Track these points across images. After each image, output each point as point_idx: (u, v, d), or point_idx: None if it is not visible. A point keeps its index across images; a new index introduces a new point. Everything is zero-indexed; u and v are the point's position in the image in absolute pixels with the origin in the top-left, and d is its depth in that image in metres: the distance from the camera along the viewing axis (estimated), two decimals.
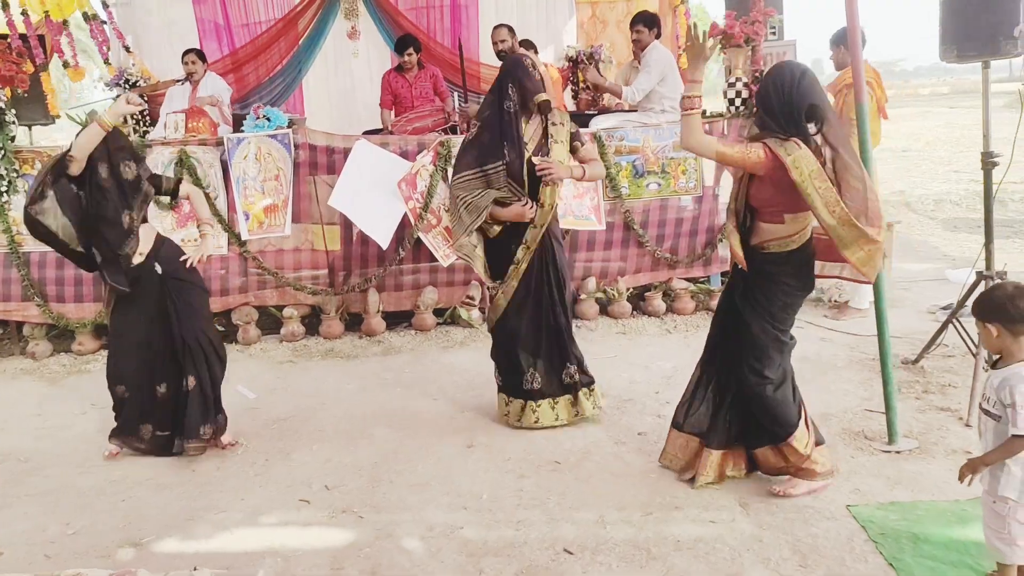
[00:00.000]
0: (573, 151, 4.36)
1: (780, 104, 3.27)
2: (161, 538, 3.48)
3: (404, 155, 6.02)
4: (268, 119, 6.12)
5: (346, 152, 5.98)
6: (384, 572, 3.15)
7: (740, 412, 3.63)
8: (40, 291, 6.13)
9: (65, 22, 6.82)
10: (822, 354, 5.43)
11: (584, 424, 4.46)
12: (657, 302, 6.28)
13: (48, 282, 6.17)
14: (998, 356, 2.67)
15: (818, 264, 3.52)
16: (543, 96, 4.15)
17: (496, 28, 6.70)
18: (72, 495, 3.92)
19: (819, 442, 3.63)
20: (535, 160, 4.14)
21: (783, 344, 3.54)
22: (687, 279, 6.31)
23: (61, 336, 6.25)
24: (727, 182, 6.39)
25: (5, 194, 5.95)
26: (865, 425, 4.25)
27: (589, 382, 4.47)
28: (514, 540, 3.33)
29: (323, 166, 6.06)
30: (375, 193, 5.88)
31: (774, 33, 8.22)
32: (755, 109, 3.53)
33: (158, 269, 4.18)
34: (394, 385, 5.31)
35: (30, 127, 7.16)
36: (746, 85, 6.08)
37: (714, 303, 6.22)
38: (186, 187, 4.39)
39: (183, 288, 4.24)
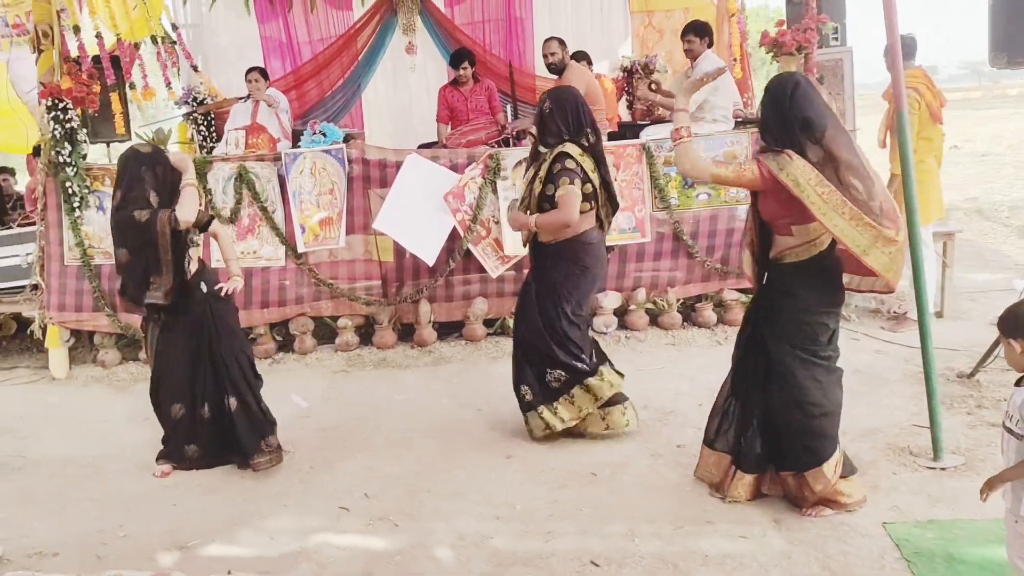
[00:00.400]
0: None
1: (774, 118, 3.28)
2: (205, 542, 3.62)
3: (454, 168, 6.11)
4: (324, 134, 6.29)
5: (398, 166, 6.10)
6: None
7: (768, 434, 3.56)
8: (110, 302, 6.40)
9: (136, 44, 7.13)
10: (875, 367, 5.31)
11: (622, 436, 4.46)
12: (708, 313, 6.22)
13: (117, 293, 6.43)
14: (1022, 374, 2.61)
15: (847, 277, 3.46)
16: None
17: (546, 41, 6.74)
18: (126, 499, 4.10)
19: (849, 473, 3.54)
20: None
21: (817, 367, 3.42)
22: (739, 290, 6.22)
23: (129, 345, 6.52)
24: None
25: (77, 209, 6.23)
26: (912, 440, 4.15)
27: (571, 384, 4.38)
28: (542, 551, 3.37)
29: (376, 180, 6.19)
30: (425, 207, 5.98)
31: (836, 39, 8.08)
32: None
33: (203, 288, 4.33)
34: (441, 395, 5.39)
35: (108, 144, 7.50)
36: None
37: None
38: (216, 226, 4.47)
39: (222, 309, 4.36)
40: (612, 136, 6.66)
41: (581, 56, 7.37)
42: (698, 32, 6.34)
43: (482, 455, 4.36)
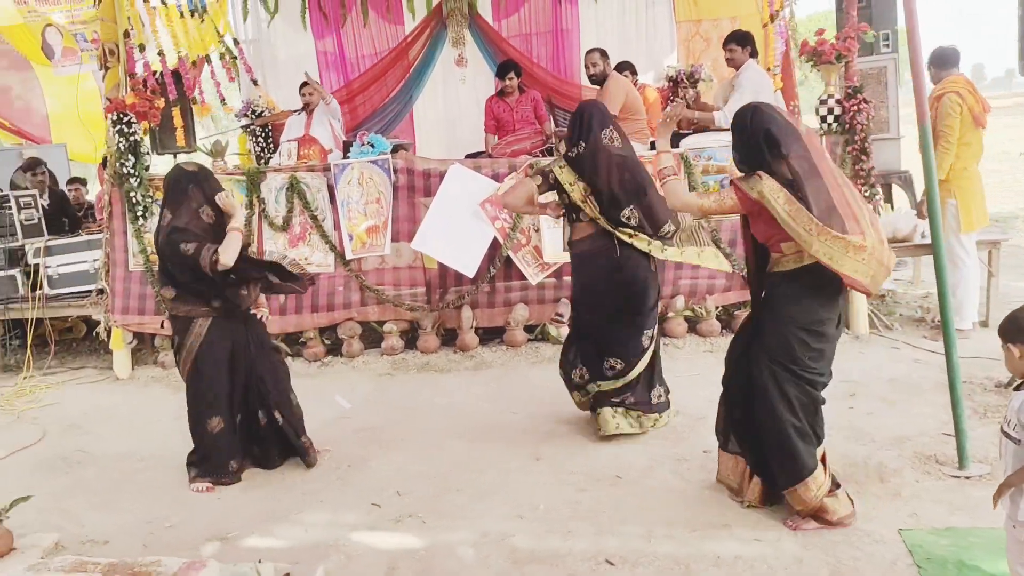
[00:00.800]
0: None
1: (742, 143, 3.44)
2: (244, 534, 3.83)
3: (496, 177, 6.26)
4: (372, 145, 6.51)
5: (441, 175, 6.28)
6: (433, 574, 3.37)
7: (756, 447, 3.63)
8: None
9: (194, 62, 7.47)
10: (912, 376, 5.28)
11: (651, 440, 4.55)
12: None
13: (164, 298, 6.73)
14: (1022, 379, 2.63)
15: None
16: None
17: (589, 52, 6.86)
18: (174, 492, 4.34)
19: (836, 487, 3.53)
20: None
21: (793, 386, 3.43)
22: None
23: None
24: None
25: (141, 218, 6.56)
26: (939, 449, 4.14)
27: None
28: (560, 550, 3.48)
29: (420, 189, 6.38)
30: (467, 217, 6.14)
31: (887, 45, 8.02)
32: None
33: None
34: (479, 399, 5.54)
35: (175, 155, 7.86)
36: (838, 102, 5.99)
37: None
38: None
39: (256, 323, 4.53)
40: (654, 145, 6.72)
41: (625, 66, 7.47)
42: (740, 41, 6.38)
43: (511, 456, 4.48)
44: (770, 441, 3.48)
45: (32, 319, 6.89)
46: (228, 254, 4.15)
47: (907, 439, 4.31)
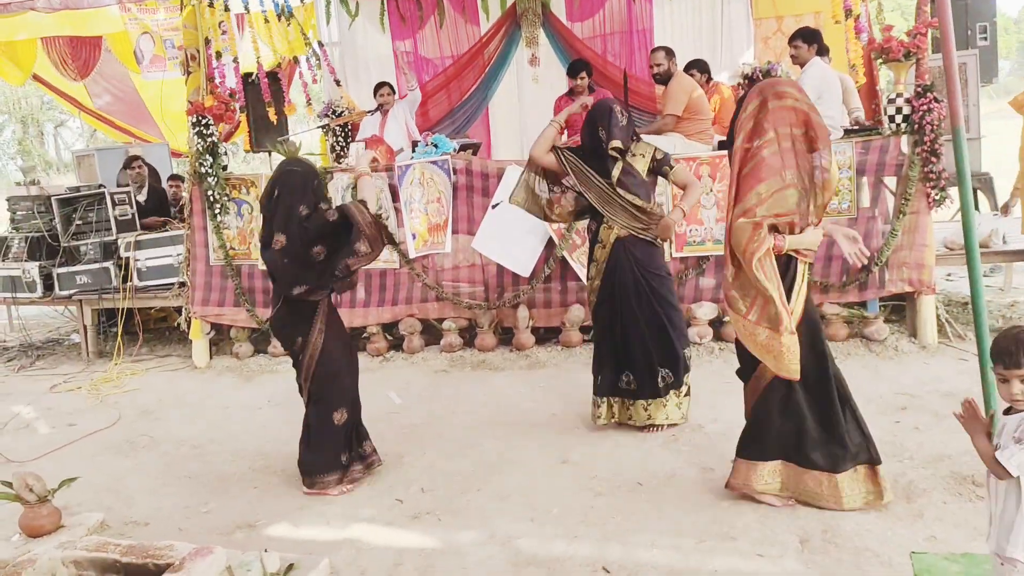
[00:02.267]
0: (664, 175, 4.51)
1: None
2: (271, 522, 4.01)
3: None
4: (436, 146, 6.66)
5: (499, 175, 6.36)
6: (434, 572, 3.46)
7: None
8: (250, 299, 7.06)
9: (278, 66, 7.80)
10: (972, 390, 4.94)
11: (682, 447, 4.51)
12: None
13: (256, 291, 7.08)
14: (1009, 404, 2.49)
15: None
16: (615, 143, 4.48)
17: (653, 51, 6.80)
18: (217, 479, 4.59)
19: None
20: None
21: None
22: (840, 304, 6.04)
23: (260, 339, 7.15)
24: (888, 202, 6.08)
25: (219, 215, 6.91)
26: (978, 470, 3.92)
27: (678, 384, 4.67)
28: (561, 555, 3.50)
29: (479, 189, 6.48)
30: (522, 217, 6.18)
31: (984, 38, 7.62)
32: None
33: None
34: (526, 398, 5.60)
35: (269, 153, 8.20)
36: (907, 101, 5.73)
37: (869, 329, 5.95)
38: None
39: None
40: (722, 144, 6.61)
41: (695, 65, 7.35)
42: (806, 38, 6.20)
43: (539, 458, 4.52)
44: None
45: (123, 309, 7.37)
46: (369, 195, 4.29)
47: (947, 457, 4.12)
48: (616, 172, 4.55)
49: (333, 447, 4.28)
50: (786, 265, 3.56)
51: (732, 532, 3.58)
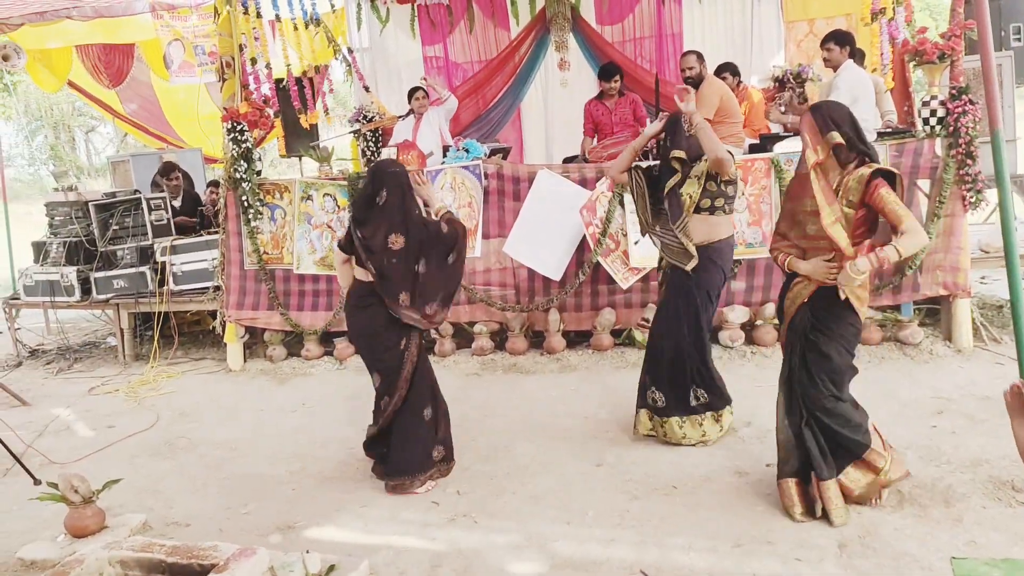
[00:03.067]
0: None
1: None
2: (309, 524, 4.07)
3: (583, 183, 6.31)
4: (467, 151, 6.70)
5: (530, 179, 6.39)
6: (472, 574, 3.49)
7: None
8: (284, 302, 7.14)
9: (317, 68, 7.90)
10: None
11: (716, 451, 4.52)
12: None
13: (291, 294, 7.16)
14: None
15: None
16: (678, 153, 4.43)
17: (684, 55, 6.80)
18: (256, 481, 4.65)
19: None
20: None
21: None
22: (874, 307, 6.00)
23: (293, 342, 7.23)
24: (921, 205, 6.04)
25: (252, 220, 6.99)
26: (1018, 474, 3.92)
27: (719, 405, 4.61)
28: (598, 557, 3.53)
29: (510, 194, 6.52)
30: (554, 221, 6.23)
31: (1018, 39, 7.57)
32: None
33: None
34: (557, 401, 5.62)
35: (300, 157, 8.30)
36: (942, 103, 5.70)
37: (904, 333, 5.92)
38: None
39: None
40: (753, 148, 6.61)
41: (726, 68, 7.35)
42: (838, 41, 6.16)
43: (574, 461, 4.55)
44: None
45: (159, 312, 7.48)
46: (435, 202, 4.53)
47: (985, 462, 4.10)
48: (672, 182, 4.47)
49: (424, 447, 4.37)
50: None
51: (769, 536, 3.58)
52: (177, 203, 8.61)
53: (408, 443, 4.34)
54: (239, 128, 6.76)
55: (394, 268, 4.17)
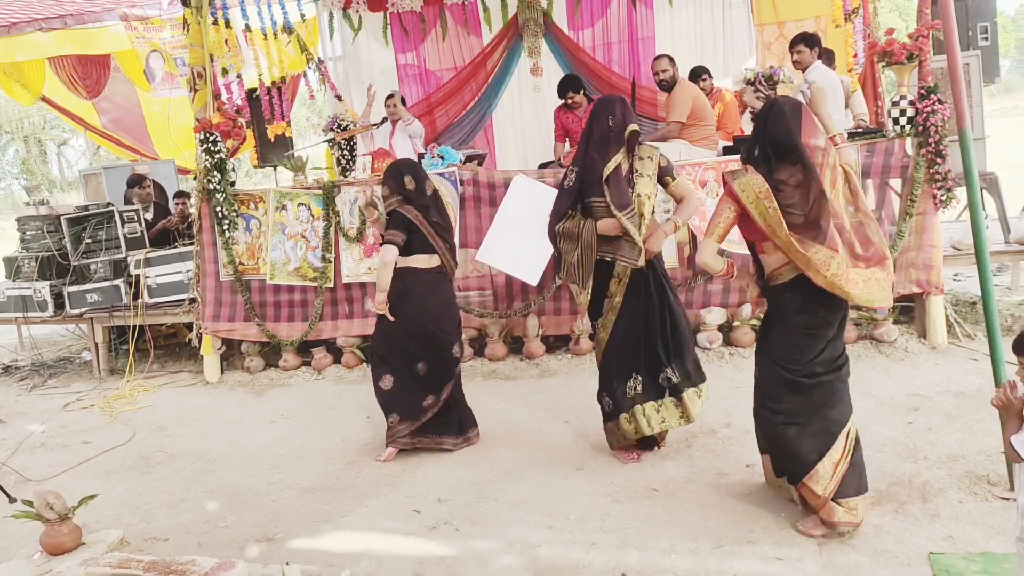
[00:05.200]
0: (664, 185, 4.40)
1: (752, 138, 3.56)
2: (290, 536, 4.03)
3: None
4: (442, 157, 6.70)
5: (506, 185, 6.39)
6: None
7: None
8: (260, 313, 7.09)
9: (273, 83, 7.86)
10: (983, 390, 5.01)
11: (696, 452, 4.53)
12: None
13: (267, 305, 7.11)
14: None
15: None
16: (633, 127, 4.23)
17: (656, 59, 6.84)
18: (234, 493, 4.60)
19: (855, 493, 3.49)
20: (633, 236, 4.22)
21: (795, 383, 3.50)
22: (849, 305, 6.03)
23: (270, 353, 7.18)
24: (893, 204, 6.11)
25: (227, 231, 6.95)
26: (993, 469, 3.96)
27: (692, 382, 4.41)
28: (580, 561, 3.52)
29: (486, 200, 6.51)
30: (531, 227, 6.21)
31: (986, 39, 7.66)
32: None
33: None
34: (537, 406, 5.62)
35: (275, 167, 8.26)
36: (911, 103, 5.76)
37: (879, 331, 5.97)
38: None
39: None
40: (727, 150, 6.65)
41: (700, 71, 7.39)
42: (808, 42, 6.25)
43: (554, 466, 4.54)
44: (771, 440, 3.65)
45: (134, 326, 7.40)
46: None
47: (961, 457, 4.14)
48: (612, 165, 4.22)
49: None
50: None
51: (750, 536, 3.60)
52: (148, 215, 8.54)
53: (463, 402, 5.03)
54: (212, 139, 6.72)
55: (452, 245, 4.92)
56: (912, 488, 3.86)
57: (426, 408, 4.80)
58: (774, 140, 3.37)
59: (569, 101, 7.40)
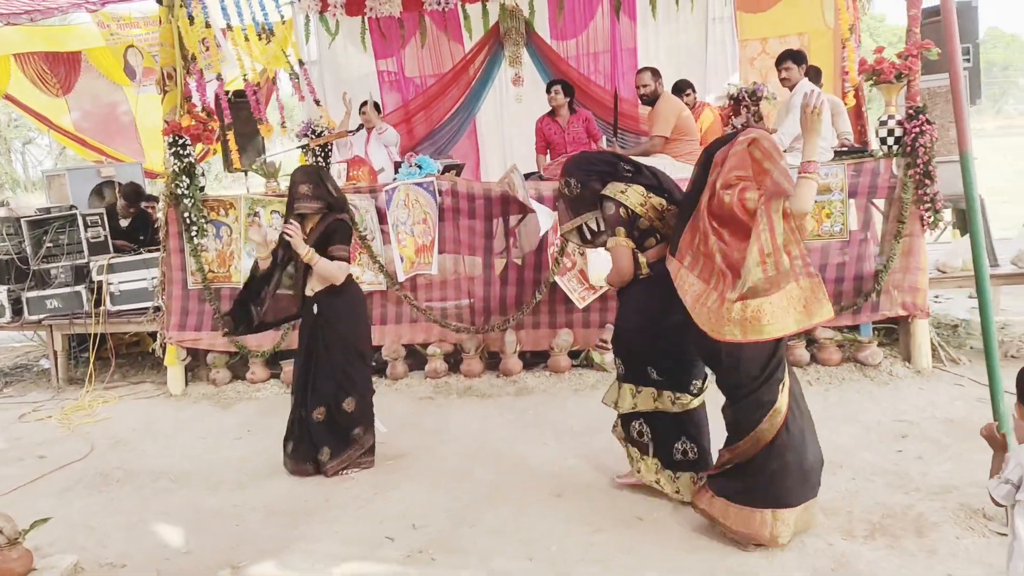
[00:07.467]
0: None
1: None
2: (255, 562, 3.81)
3: (540, 199, 6.15)
4: (420, 167, 6.52)
5: (485, 196, 6.24)
6: None
7: None
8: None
9: (259, 83, 7.64)
10: (972, 417, 4.90)
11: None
12: (799, 351, 5.96)
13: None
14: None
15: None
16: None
17: (639, 72, 6.72)
18: (197, 516, 4.36)
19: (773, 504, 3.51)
20: None
21: None
22: (833, 327, 5.94)
23: (238, 365, 6.93)
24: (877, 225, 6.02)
25: (196, 238, 6.70)
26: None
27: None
28: None
29: (465, 211, 6.35)
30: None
31: (968, 60, 7.62)
32: None
33: (315, 309, 4.75)
34: (515, 425, 5.44)
35: (245, 172, 8.01)
36: (899, 123, 5.68)
37: (863, 354, 5.87)
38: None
39: (329, 328, 4.75)
40: None
41: (684, 85, 7.29)
42: (796, 60, 6.15)
43: (533, 491, 4.36)
44: None
45: (95, 334, 7.12)
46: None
47: (955, 488, 4.01)
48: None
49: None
50: None
51: (742, 569, 3.44)
52: (125, 223, 8.32)
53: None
54: (181, 142, 6.48)
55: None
56: (906, 521, 3.73)
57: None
58: None
59: (552, 94, 7.23)
